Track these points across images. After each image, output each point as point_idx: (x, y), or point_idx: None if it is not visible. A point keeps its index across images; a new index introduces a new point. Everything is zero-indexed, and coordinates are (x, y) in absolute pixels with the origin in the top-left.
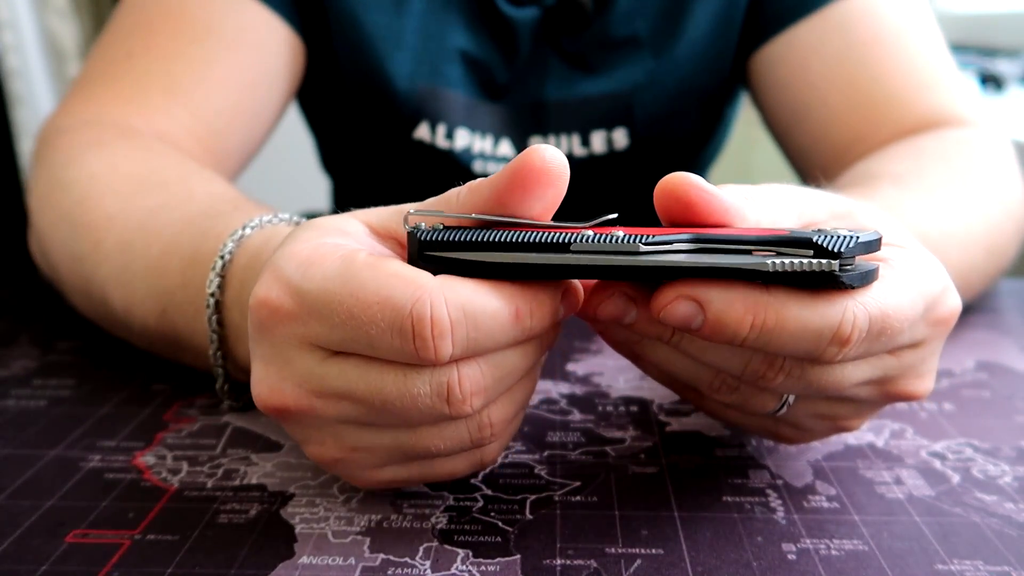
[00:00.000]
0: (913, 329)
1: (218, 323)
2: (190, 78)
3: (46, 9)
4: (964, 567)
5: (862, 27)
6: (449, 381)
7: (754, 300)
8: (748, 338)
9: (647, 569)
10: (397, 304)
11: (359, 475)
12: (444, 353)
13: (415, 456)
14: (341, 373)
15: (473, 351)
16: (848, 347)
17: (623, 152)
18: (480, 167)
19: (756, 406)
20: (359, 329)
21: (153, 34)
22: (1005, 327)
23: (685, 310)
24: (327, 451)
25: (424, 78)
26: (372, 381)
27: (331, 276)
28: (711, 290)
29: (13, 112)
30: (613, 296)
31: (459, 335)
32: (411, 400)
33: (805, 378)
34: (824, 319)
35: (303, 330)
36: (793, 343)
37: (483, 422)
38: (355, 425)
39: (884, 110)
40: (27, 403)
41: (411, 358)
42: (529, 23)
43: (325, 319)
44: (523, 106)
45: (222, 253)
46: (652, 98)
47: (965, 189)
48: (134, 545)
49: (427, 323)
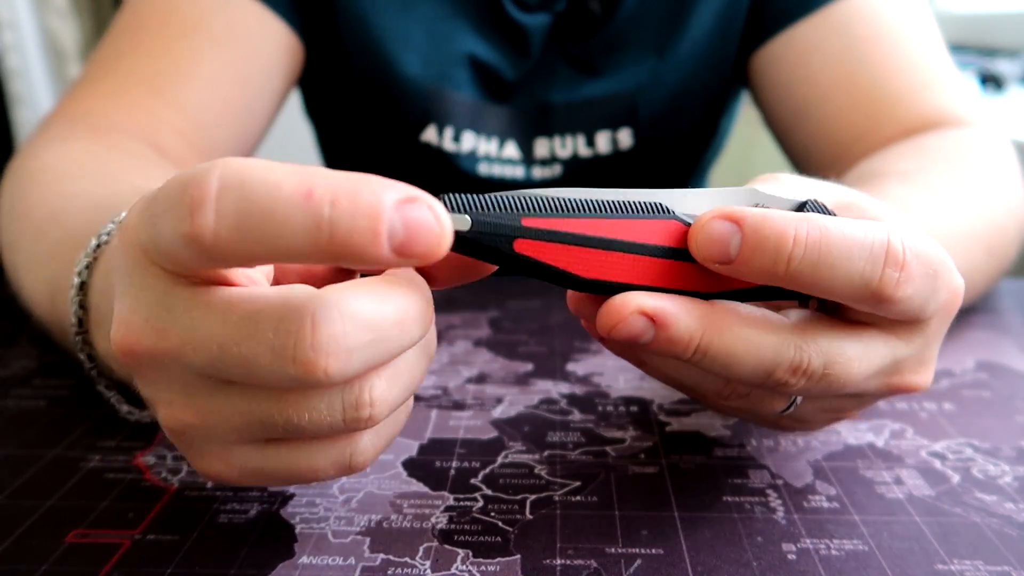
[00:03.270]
0: (922, 294)
1: (80, 305)
2: (175, 74)
3: (46, 9)
4: (964, 567)
5: (862, 26)
6: (299, 328)
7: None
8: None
9: (647, 569)
10: (180, 178)
11: (209, 453)
12: (204, 224)
13: (276, 431)
14: (186, 309)
15: (248, 239)
16: (904, 267)
17: (628, 152)
18: (485, 169)
19: (765, 409)
20: (157, 221)
21: (142, 33)
22: (1005, 327)
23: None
24: (176, 413)
25: (432, 80)
26: (213, 324)
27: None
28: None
29: (13, 112)
30: (631, 316)
31: (224, 205)
32: (252, 348)
33: (826, 380)
34: (866, 241)
35: (133, 237)
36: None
37: (361, 397)
38: (206, 380)
39: (885, 109)
40: (27, 403)
41: (184, 239)
42: (540, 29)
43: (144, 223)
44: (529, 108)
45: (99, 234)
46: (656, 98)
47: (968, 189)
48: (134, 545)
49: (195, 191)
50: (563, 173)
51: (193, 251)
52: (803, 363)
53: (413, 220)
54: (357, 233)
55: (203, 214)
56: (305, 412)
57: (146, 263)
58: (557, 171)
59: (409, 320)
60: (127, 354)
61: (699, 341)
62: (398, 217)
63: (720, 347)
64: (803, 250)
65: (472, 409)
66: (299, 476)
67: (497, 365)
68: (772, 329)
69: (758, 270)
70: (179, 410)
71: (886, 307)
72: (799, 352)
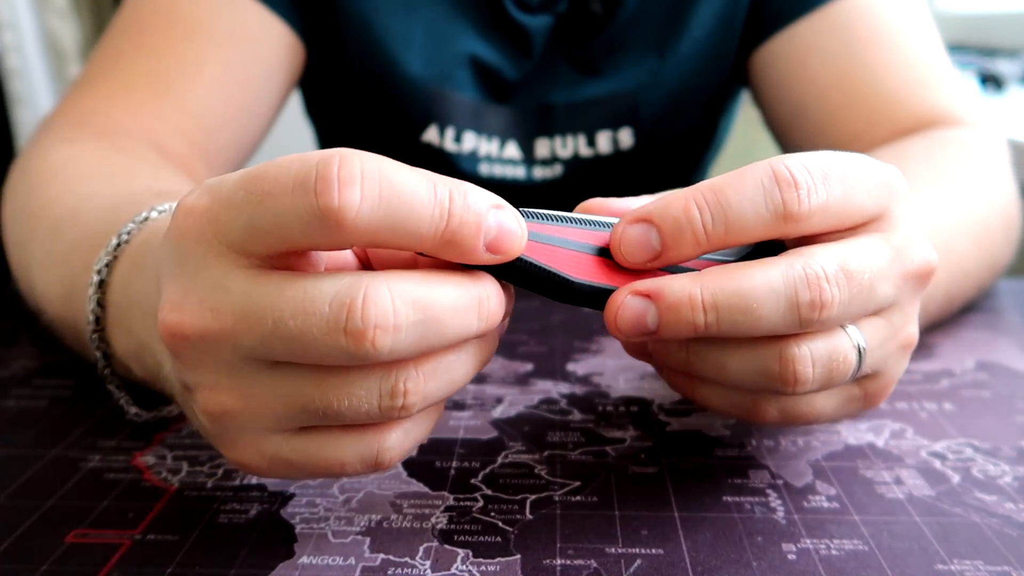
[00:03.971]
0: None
1: (98, 303)
2: (179, 75)
3: (46, 9)
4: (964, 567)
5: (861, 25)
6: (352, 301)
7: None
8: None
9: (647, 569)
10: (304, 161)
11: (243, 442)
12: (349, 205)
13: (315, 416)
14: (244, 288)
15: (387, 224)
16: (798, 185)
17: (629, 152)
18: (486, 169)
19: (839, 364)
20: (266, 201)
21: (144, 33)
22: (1005, 327)
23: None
24: (218, 396)
25: (433, 80)
26: (270, 298)
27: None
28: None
29: (13, 112)
30: (626, 299)
31: (369, 187)
32: (306, 320)
33: (852, 280)
34: (755, 180)
35: (212, 227)
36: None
37: (397, 386)
38: (252, 363)
39: (881, 109)
40: (27, 403)
41: (314, 215)
42: (542, 30)
43: (236, 204)
44: (530, 109)
45: (120, 233)
46: (657, 97)
47: (950, 185)
48: (134, 545)
49: (334, 174)
50: (564, 173)
51: (326, 227)
52: (818, 272)
53: (503, 222)
54: (465, 226)
55: (351, 192)
56: (344, 397)
57: (209, 246)
58: (558, 171)
59: (461, 309)
60: (176, 336)
61: (701, 297)
62: (493, 218)
63: (727, 297)
64: (709, 212)
65: (472, 409)
66: (327, 469)
67: (497, 365)
68: (769, 261)
69: (685, 250)
70: (222, 393)
71: (808, 221)
72: (808, 266)
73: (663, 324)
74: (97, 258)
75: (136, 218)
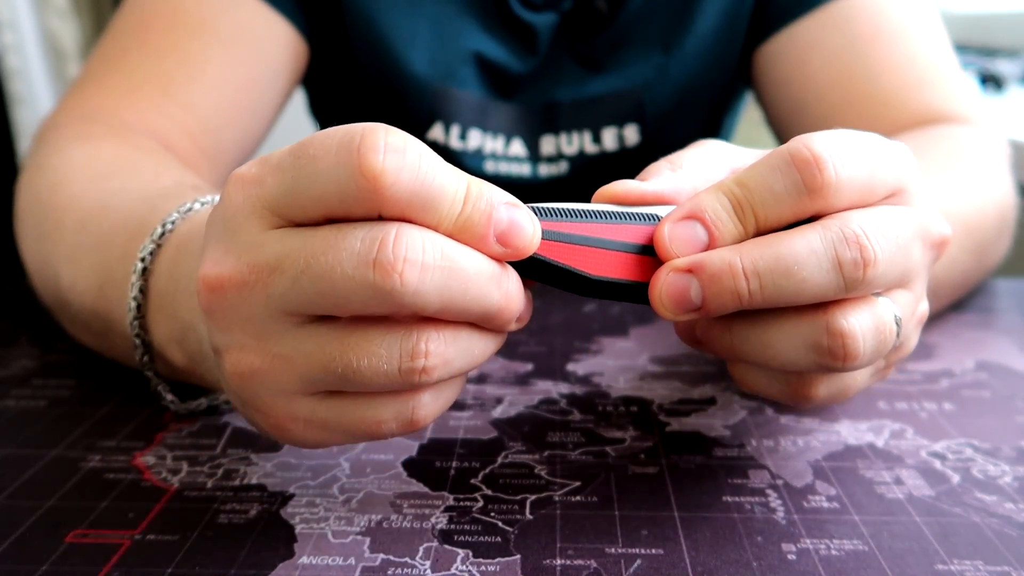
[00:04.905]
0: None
1: (140, 290)
2: (184, 75)
3: (46, 9)
4: (964, 567)
5: (863, 23)
6: (384, 235)
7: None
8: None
9: (647, 569)
10: (350, 128)
11: (274, 405)
12: (391, 168)
13: (335, 379)
14: (281, 239)
15: (420, 197)
16: (818, 163)
17: (634, 149)
18: (491, 167)
19: (886, 331)
20: (310, 164)
21: (149, 31)
22: (1005, 327)
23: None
24: (246, 357)
25: (438, 79)
26: (305, 240)
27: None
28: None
29: (13, 112)
30: (669, 275)
31: (411, 159)
32: (338, 255)
33: (888, 239)
34: (774, 163)
35: (258, 191)
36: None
37: (418, 346)
38: (280, 320)
39: (881, 107)
40: (27, 403)
41: (353, 175)
42: (547, 27)
43: (283, 168)
44: (535, 106)
45: (164, 222)
46: (663, 94)
47: (944, 177)
48: (134, 545)
49: (380, 139)
50: (569, 170)
51: (363, 189)
52: (856, 231)
53: (514, 217)
54: (478, 212)
55: (395, 157)
56: (364, 356)
57: (252, 209)
58: (563, 168)
59: (484, 275)
60: (215, 289)
61: (742, 263)
62: (505, 211)
63: (767, 259)
64: (738, 203)
65: (472, 409)
66: (363, 429)
67: (497, 365)
68: (805, 227)
69: (728, 234)
70: (249, 354)
71: (834, 194)
72: (846, 226)
73: (707, 297)
74: (141, 246)
75: (180, 208)
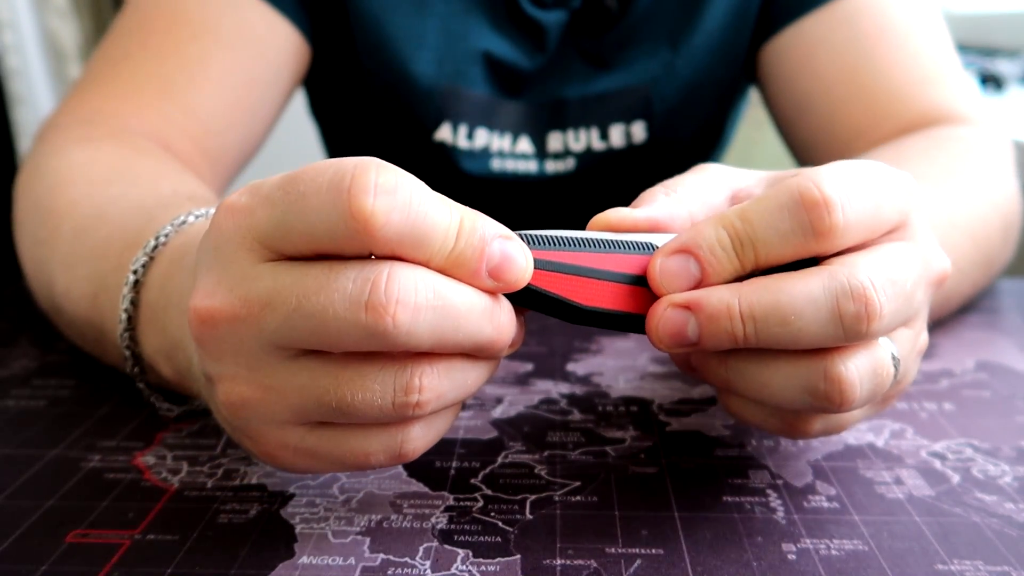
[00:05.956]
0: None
1: (132, 303)
2: (185, 76)
3: (46, 9)
4: (964, 567)
5: (869, 21)
6: (376, 277)
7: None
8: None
9: (647, 569)
10: (340, 165)
11: (265, 433)
12: (381, 210)
13: (329, 411)
14: (272, 274)
15: (411, 235)
16: (827, 204)
17: (641, 145)
18: (498, 165)
19: (884, 376)
20: (299, 201)
21: (150, 33)
22: (1005, 327)
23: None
24: (238, 388)
25: (446, 79)
26: (297, 278)
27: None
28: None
29: (13, 112)
30: (666, 311)
31: (401, 199)
32: (329, 295)
33: (896, 288)
34: (781, 200)
35: (248, 221)
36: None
37: (412, 381)
38: (273, 353)
39: (885, 105)
40: (27, 403)
41: (343, 216)
42: (557, 26)
43: (273, 202)
44: (542, 103)
45: (158, 235)
46: (670, 91)
47: (949, 183)
48: (134, 545)
49: (371, 179)
50: (576, 167)
51: (353, 230)
52: (864, 283)
53: (506, 251)
54: (471, 248)
55: (386, 198)
56: (359, 391)
57: (242, 240)
58: (571, 165)
59: (476, 311)
60: (206, 321)
61: (739, 306)
62: (498, 246)
63: (764, 308)
64: (738, 239)
65: (472, 409)
66: (352, 459)
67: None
68: (811, 272)
69: (723, 270)
70: (241, 384)
71: (839, 237)
72: (852, 276)
73: (703, 335)
74: (134, 258)
75: (174, 221)
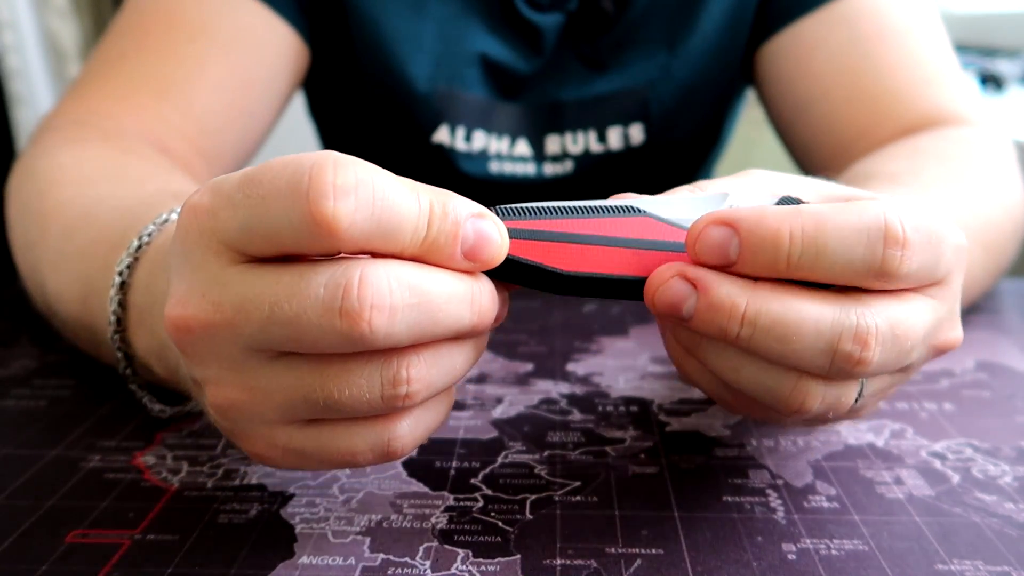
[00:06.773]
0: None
1: (120, 304)
2: (182, 78)
3: (46, 9)
4: (964, 567)
5: (867, 22)
6: (347, 281)
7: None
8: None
9: (647, 569)
10: (297, 164)
11: (254, 434)
12: (344, 212)
13: (316, 409)
14: (242, 279)
15: (379, 232)
16: (905, 245)
17: (639, 148)
18: (496, 167)
19: (843, 405)
20: (260, 204)
21: (147, 34)
22: (1005, 327)
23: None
24: (224, 391)
25: (444, 81)
26: (268, 284)
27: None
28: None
29: (13, 112)
30: (672, 279)
31: (363, 197)
32: (302, 302)
33: (896, 343)
34: (862, 226)
35: (211, 224)
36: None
37: (399, 373)
38: (254, 356)
39: (886, 106)
40: (27, 403)
41: (305, 221)
42: (553, 28)
43: (235, 204)
44: (540, 106)
45: (141, 235)
46: (667, 92)
47: (961, 187)
48: (134, 545)
49: (328, 181)
50: (575, 169)
51: (317, 234)
52: (870, 328)
53: (480, 229)
54: (443, 234)
55: (346, 202)
56: (345, 387)
57: (208, 243)
58: (568, 167)
59: (455, 299)
60: (182, 329)
61: (744, 309)
62: (471, 225)
63: (770, 317)
64: (800, 246)
65: (472, 409)
66: (339, 459)
67: (497, 365)
68: (826, 297)
69: (760, 269)
70: (227, 388)
71: (895, 282)
72: (862, 317)
73: (697, 317)
74: (118, 259)
75: (156, 220)
